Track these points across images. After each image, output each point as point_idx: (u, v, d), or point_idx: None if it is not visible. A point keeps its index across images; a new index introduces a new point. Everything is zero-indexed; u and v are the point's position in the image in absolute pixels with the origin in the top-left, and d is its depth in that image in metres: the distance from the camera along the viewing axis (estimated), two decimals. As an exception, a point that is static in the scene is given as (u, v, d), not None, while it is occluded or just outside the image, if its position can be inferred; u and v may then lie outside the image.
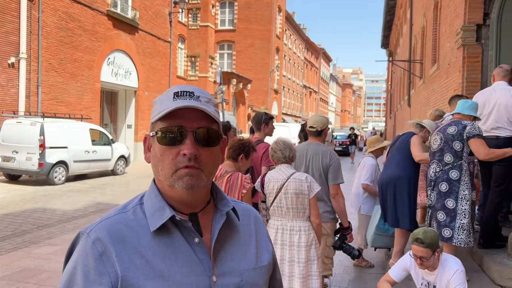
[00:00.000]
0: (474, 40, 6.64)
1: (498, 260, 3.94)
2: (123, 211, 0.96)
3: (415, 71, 14.03)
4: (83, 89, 16.24)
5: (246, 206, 1.13)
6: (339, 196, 3.71)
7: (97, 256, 0.88)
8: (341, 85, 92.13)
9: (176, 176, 0.92)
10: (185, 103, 0.92)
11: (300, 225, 3.20)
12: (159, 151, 0.94)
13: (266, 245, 1.10)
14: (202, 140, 0.94)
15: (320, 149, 3.81)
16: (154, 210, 0.94)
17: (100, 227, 0.91)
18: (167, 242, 0.92)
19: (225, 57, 36.89)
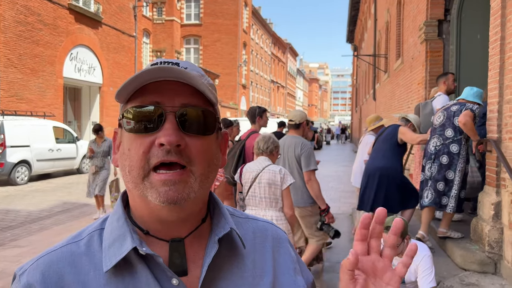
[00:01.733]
0: (436, 35, 6.89)
1: (461, 245, 4.14)
2: (75, 240, 0.68)
3: (380, 66, 14.39)
4: (45, 85, 15.67)
5: (264, 225, 0.80)
6: (313, 182, 3.90)
7: None
8: (307, 79, 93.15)
9: (148, 182, 0.63)
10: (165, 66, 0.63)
11: (273, 215, 3.30)
12: (127, 144, 0.65)
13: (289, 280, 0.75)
14: (189, 124, 0.64)
15: (294, 140, 4.03)
16: (113, 239, 0.66)
17: (35, 267, 0.65)
18: (129, 286, 0.64)
19: (191, 52, 36.50)
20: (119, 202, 0.70)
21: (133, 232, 0.65)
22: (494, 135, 3.89)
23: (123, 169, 0.66)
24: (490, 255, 3.81)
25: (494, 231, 3.79)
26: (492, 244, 3.79)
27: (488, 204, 3.92)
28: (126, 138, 0.66)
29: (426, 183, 4.40)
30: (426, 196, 4.37)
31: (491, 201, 3.88)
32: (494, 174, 3.90)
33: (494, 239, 3.78)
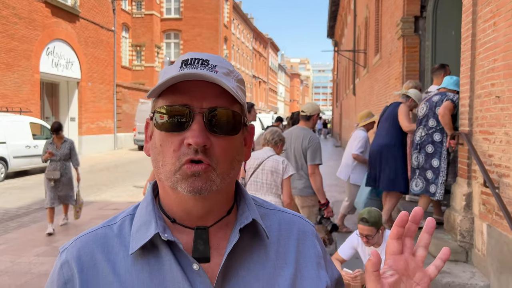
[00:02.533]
0: (413, 31, 7.04)
1: (435, 235, 4.27)
2: (109, 224, 0.75)
3: (359, 61, 14.57)
4: (21, 80, 15.30)
5: (291, 218, 0.82)
6: (316, 175, 4.08)
7: (61, 285, 0.70)
8: (289, 75, 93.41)
9: (179, 175, 0.67)
10: (193, 71, 0.66)
11: (271, 200, 3.59)
12: (158, 140, 0.70)
13: (312, 274, 0.77)
14: (217, 126, 0.68)
15: (303, 133, 4.21)
16: (140, 224, 0.72)
17: (73, 246, 0.73)
18: (153, 269, 0.69)
19: (172, 47, 36.15)
20: (149, 190, 0.77)
21: (158, 219, 0.71)
22: (466, 129, 4.03)
23: (156, 162, 0.71)
24: (461, 244, 3.96)
25: (466, 221, 3.93)
26: (464, 233, 3.93)
27: (459, 195, 4.06)
28: (157, 134, 0.70)
29: (414, 172, 4.61)
30: (416, 185, 4.58)
31: (462, 192, 4.02)
32: (466, 166, 4.04)
33: (465, 229, 3.93)
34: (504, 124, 3.29)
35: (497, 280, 3.34)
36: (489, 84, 3.58)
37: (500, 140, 3.37)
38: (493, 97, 3.47)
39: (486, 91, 3.64)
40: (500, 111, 3.37)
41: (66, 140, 6.25)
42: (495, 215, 3.41)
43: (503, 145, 3.32)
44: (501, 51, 3.34)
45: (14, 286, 4.28)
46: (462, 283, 3.56)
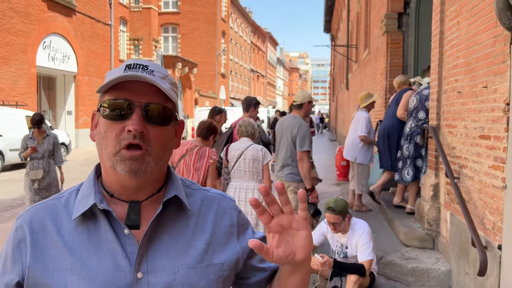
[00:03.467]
0: (396, 27, 7.21)
1: (406, 223, 4.49)
2: (58, 197, 0.91)
3: (351, 56, 14.73)
4: (17, 74, 15.46)
5: (214, 195, 0.98)
6: (303, 162, 4.27)
7: (16, 244, 0.85)
8: (288, 69, 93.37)
9: (118, 157, 0.82)
10: (135, 73, 0.82)
11: (254, 185, 3.95)
12: (103, 127, 0.84)
13: (226, 240, 0.93)
14: (152, 117, 0.84)
15: (293, 121, 4.42)
16: (83, 196, 0.88)
17: (27, 213, 0.88)
18: (91, 232, 0.84)
19: (169, 40, 36.21)
20: (93, 170, 0.93)
21: (97, 193, 0.87)
22: (434, 122, 4.23)
23: (100, 146, 0.86)
24: (429, 232, 4.17)
25: (433, 210, 4.14)
26: (431, 222, 4.14)
27: (428, 186, 4.27)
28: (102, 122, 0.85)
29: (405, 161, 4.92)
30: (407, 173, 4.91)
31: (430, 182, 4.22)
32: (434, 158, 4.24)
33: (433, 218, 4.14)
34: (464, 118, 3.49)
35: (457, 264, 3.55)
36: (453, 80, 3.78)
37: (460, 133, 3.57)
38: (456, 92, 3.67)
39: (451, 86, 3.83)
40: (461, 106, 3.57)
41: (49, 134, 5.48)
42: (456, 204, 3.61)
43: (463, 137, 3.52)
44: (463, 49, 3.52)
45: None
46: (426, 268, 3.78)
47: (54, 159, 5.53)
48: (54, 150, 5.48)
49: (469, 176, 3.38)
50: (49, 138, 5.44)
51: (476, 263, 3.12)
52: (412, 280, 3.78)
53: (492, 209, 2.90)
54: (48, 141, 5.41)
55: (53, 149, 5.46)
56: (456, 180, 3.49)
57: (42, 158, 5.34)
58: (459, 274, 3.49)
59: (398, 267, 3.88)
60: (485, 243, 2.95)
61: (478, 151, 3.17)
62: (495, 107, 2.87)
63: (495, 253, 2.80)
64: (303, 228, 0.80)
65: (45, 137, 5.42)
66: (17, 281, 0.83)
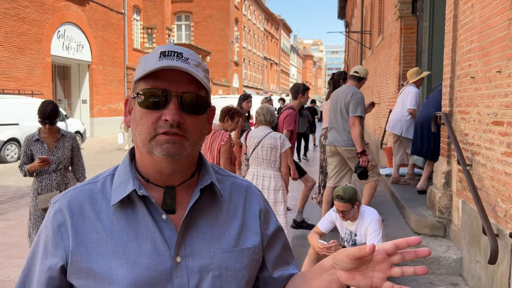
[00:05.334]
0: (410, 12, 7.05)
1: (417, 211, 4.44)
2: (93, 181, 0.91)
3: (365, 42, 14.50)
4: (33, 63, 15.67)
5: (241, 182, 1.02)
6: (355, 126, 4.46)
7: (56, 228, 0.86)
8: (301, 56, 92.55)
9: (154, 142, 0.83)
10: (172, 63, 0.83)
11: (271, 173, 4.04)
12: (138, 114, 0.85)
13: (255, 225, 0.97)
14: (188, 107, 0.85)
15: (348, 89, 4.62)
16: (120, 182, 0.88)
17: (64, 198, 0.88)
18: (130, 218, 0.86)
19: (183, 29, 36.17)
20: (127, 155, 0.94)
21: (135, 178, 0.88)
22: (447, 109, 4.14)
23: (134, 132, 0.87)
24: (440, 220, 4.12)
25: (444, 197, 4.08)
26: (442, 209, 4.09)
27: (440, 173, 4.20)
28: (138, 109, 0.85)
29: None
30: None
31: (442, 170, 4.16)
32: (446, 145, 4.17)
33: (444, 205, 4.08)
34: (477, 104, 3.41)
35: (468, 252, 3.51)
36: (466, 65, 3.68)
37: (473, 119, 3.50)
38: (469, 77, 3.58)
39: (464, 72, 3.74)
40: (474, 91, 3.48)
41: (65, 134, 3.74)
42: (468, 192, 3.55)
43: (476, 124, 3.44)
44: (477, 33, 3.43)
45: (21, 256, 4.61)
46: (436, 256, 3.74)
47: (74, 171, 3.83)
48: (73, 157, 3.77)
49: (481, 163, 3.31)
50: (66, 139, 3.71)
51: (487, 251, 3.07)
52: (422, 268, 3.75)
53: (504, 197, 2.84)
54: (64, 145, 3.68)
55: (71, 155, 3.75)
56: (468, 168, 3.43)
57: (56, 170, 3.66)
58: (470, 262, 3.45)
59: (408, 255, 3.85)
60: (497, 231, 2.90)
61: (491, 137, 3.10)
62: (509, 92, 2.79)
63: (506, 241, 2.75)
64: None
65: (59, 138, 3.69)
66: (61, 265, 0.84)
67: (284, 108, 5.25)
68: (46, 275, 0.85)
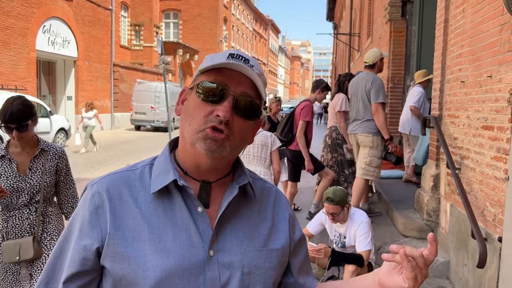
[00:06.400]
0: (400, 16, 7.10)
1: (404, 214, 4.46)
2: (132, 169, 0.93)
3: (354, 45, 14.59)
4: (17, 58, 15.33)
5: (270, 186, 1.04)
6: (378, 113, 4.49)
7: (93, 209, 0.86)
8: (289, 57, 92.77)
9: (201, 134, 0.85)
10: (238, 64, 0.86)
11: (261, 170, 4.12)
12: (193, 104, 0.88)
13: (284, 228, 0.99)
14: (241, 108, 0.87)
15: (367, 76, 4.65)
16: (160, 171, 0.90)
17: (103, 181, 0.89)
18: (167, 207, 0.87)
19: (171, 27, 35.90)
20: (167, 146, 0.95)
21: (175, 169, 0.89)
22: (436, 112, 4.16)
23: (184, 122, 0.89)
24: (428, 223, 4.14)
25: (432, 201, 4.11)
26: (430, 212, 4.11)
27: (428, 176, 4.23)
28: (193, 99, 0.88)
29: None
30: None
31: (431, 173, 4.18)
32: (435, 149, 4.19)
33: (432, 208, 4.10)
34: (467, 108, 3.43)
35: (455, 256, 3.53)
36: (457, 69, 3.71)
37: (463, 123, 3.52)
38: (459, 82, 3.60)
39: (454, 76, 3.76)
40: (464, 96, 3.50)
41: (47, 149, 2.47)
42: (457, 195, 3.57)
43: (465, 128, 3.46)
44: (468, 37, 3.45)
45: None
46: (424, 259, 3.75)
47: (61, 204, 2.58)
48: (59, 183, 2.51)
49: (470, 167, 3.33)
50: (48, 157, 2.44)
51: (475, 254, 3.09)
52: (410, 270, 3.76)
53: (493, 201, 2.86)
54: (45, 165, 2.42)
55: (56, 181, 2.49)
56: (457, 171, 3.45)
57: (30, 204, 2.40)
58: (457, 266, 3.47)
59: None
60: (485, 235, 2.91)
61: (481, 141, 3.12)
62: (500, 97, 2.81)
63: (495, 245, 2.77)
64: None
65: (38, 155, 2.42)
66: (97, 247, 0.84)
67: (301, 101, 5.42)
68: (81, 255, 0.85)
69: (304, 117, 5.14)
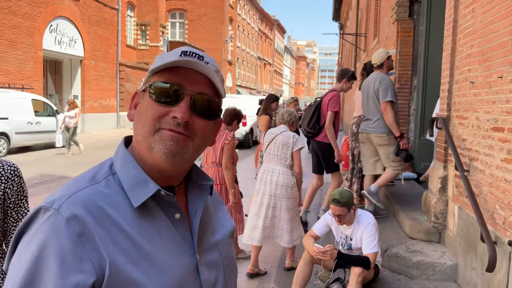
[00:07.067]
0: (407, 15, 7.03)
1: (411, 216, 4.41)
2: (94, 182, 0.78)
3: (360, 45, 14.52)
4: (24, 57, 15.43)
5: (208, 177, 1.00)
6: (388, 112, 4.53)
7: (75, 238, 0.70)
8: (295, 57, 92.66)
9: (157, 136, 0.78)
10: (192, 61, 0.80)
11: (280, 169, 4.10)
12: (146, 105, 0.80)
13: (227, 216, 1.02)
14: (199, 108, 0.81)
15: (375, 76, 4.71)
16: (134, 182, 0.79)
17: (73, 202, 0.72)
18: (149, 220, 0.79)
19: (177, 26, 35.97)
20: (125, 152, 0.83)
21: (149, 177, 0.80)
22: (444, 113, 4.11)
23: (137, 125, 0.81)
24: (435, 225, 4.09)
25: (440, 203, 4.05)
26: (438, 215, 4.06)
27: (436, 178, 4.17)
28: (146, 101, 0.81)
29: None
30: None
31: (438, 175, 4.13)
32: (443, 150, 4.14)
33: (440, 210, 4.05)
34: (476, 109, 3.38)
35: (463, 259, 3.48)
36: (466, 69, 3.65)
37: (472, 124, 3.47)
38: (468, 82, 3.55)
39: (463, 76, 3.71)
40: (473, 97, 3.45)
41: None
42: (465, 197, 3.52)
43: (474, 129, 3.41)
44: (477, 37, 3.40)
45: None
46: (431, 262, 3.70)
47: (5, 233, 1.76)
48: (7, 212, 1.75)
49: (479, 169, 3.28)
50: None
51: (484, 258, 3.04)
52: (417, 273, 3.71)
53: (503, 204, 2.81)
54: None
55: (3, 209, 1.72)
56: (466, 173, 3.40)
57: None
58: (465, 269, 3.42)
59: (403, 260, 3.81)
60: (495, 238, 2.86)
61: (490, 143, 3.07)
62: (510, 98, 2.76)
63: (504, 249, 2.72)
64: None
65: None
66: (93, 282, 0.70)
67: (328, 91, 5.40)
68: None
69: (332, 108, 5.13)
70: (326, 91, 5.54)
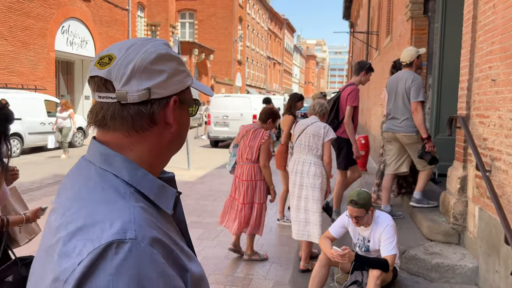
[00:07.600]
0: (422, 13, 6.91)
1: (429, 217, 4.32)
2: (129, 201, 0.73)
3: (372, 43, 14.37)
4: (37, 58, 15.57)
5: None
6: (418, 112, 4.48)
7: (164, 260, 0.68)
8: (304, 56, 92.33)
9: None
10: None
11: (311, 159, 4.10)
12: (186, 121, 0.88)
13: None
14: None
15: (406, 74, 4.63)
16: (158, 190, 0.78)
17: (140, 226, 0.68)
18: (167, 219, 0.81)
19: (186, 26, 36.07)
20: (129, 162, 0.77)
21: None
22: (463, 112, 4.02)
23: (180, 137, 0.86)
24: (454, 227, 4.00)
25: (459, 204, 3.96)
26: (457, 216, 3.97)
27: (455, 178, 4.08)
28: (186, 117, 0.87)
29: None
30: None
31: (458, 175, 4.03)
32: (462, 150, 4.04)
33: (459, 212, 3.96)
34: (498, 108, 3.28)
35: (485, 262, 3.39)
36: (487, 67, 3.56)
37: (494, 123, 3.37)
38: (489, 80, 3.46)
39: (484, 74, 3.62)
40: (495, 95, 3.36)
41: None
42: (487, 198, 3.43)
43: (496, 128, 3.32)
44: (499, 34, 3.30)
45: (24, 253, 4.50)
46: (451, 264, 3.62)
47: None
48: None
49: (502, 169, 3.19)
50: None
51: (507, 261, 2.96)
52: (436, 276, 3.63)
53: (528, 205, 2.72)
54: None
55: None
56: (488, 173, 3.31)
57: None
58: (487, 272, 3.33)
59: (422, 262, 3.73)
60: (519, 240, 2.77)
61: (514, 143, 2.98)
62: (536, 96, 2.67)
63: (530, 252, 2.63)
64: None
65: None
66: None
67: (347, 85, 5.31)
68: None
69: (351, 102, 5.04)
70: (344, 85, 5.44)
